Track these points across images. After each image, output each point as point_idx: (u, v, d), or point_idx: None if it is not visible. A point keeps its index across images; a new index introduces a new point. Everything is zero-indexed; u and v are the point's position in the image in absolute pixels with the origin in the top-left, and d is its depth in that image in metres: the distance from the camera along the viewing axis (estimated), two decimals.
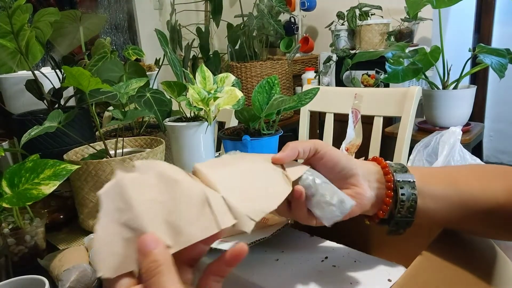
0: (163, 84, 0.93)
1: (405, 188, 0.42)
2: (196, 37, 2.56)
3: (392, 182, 0.43)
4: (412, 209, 0.43)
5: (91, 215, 0.80)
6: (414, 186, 0.42)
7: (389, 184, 0.43)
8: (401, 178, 0.43)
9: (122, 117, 0.84)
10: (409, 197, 0.42)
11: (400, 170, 0.44)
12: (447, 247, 0.43)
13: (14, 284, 0.53)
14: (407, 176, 0.43)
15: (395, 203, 0.43)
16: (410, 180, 0.43)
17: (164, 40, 1.02)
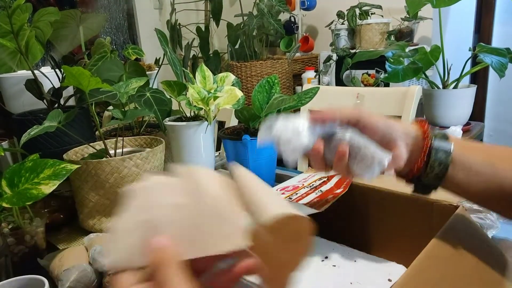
0: (163, 83, 0.93)
1: (439, 154, 0.43)
2: (196, 37, 2.56)
3: (428, 147, 0.44)
4: (441, 175, 0.44)
5: (91, 214, 0.80)
6: (449, 155, 0.43)
7: (425, 149, 0.44)
8: (438, 144, 0.44)
9: (122, 117, 0.84)
10: (440, 164, 0.43)
11: (441, 137, 0.44)
12: (447, 246, 0.43)
13: (14, 284, 0.53)
14: (445, 144, 0.44)
15: (425, 166, 0.44)
16: (446, 148, 0.43)
17: (164, 39, 1.02)
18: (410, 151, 0.45)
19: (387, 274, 0.49)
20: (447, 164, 0.43)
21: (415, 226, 0.54)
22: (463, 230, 0.47)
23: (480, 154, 0.45)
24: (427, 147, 0.44)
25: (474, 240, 0.46)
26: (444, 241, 0.43)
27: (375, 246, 0.58)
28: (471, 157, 0.44)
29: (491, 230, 0.63)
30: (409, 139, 0.45)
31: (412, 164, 0.46)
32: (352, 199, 0.59)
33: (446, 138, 0.44)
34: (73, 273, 0.60)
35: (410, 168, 0.46)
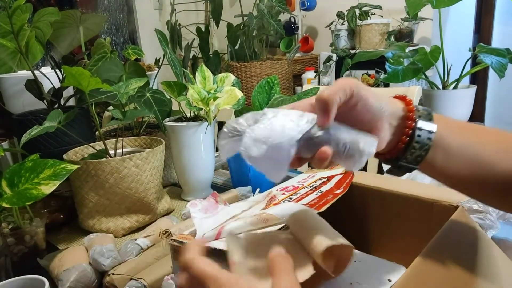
0: (163, 84, 0.93)
1: (422, 137, 0.41)
2: (196, 37, 2.56)
3: (412, 128, 0.41)
4: (419, 158, 0.42)
5: (90, 215, 0.80)
6: (431, 137, 0.41)
7: (407, 130, 0.42)
8: (422, 125, 0.41)
9: (122, 117, 0.84)
10: (422, 147, 0.41)
11: (425, 116, 0.42)
12: (448, 246, 0.43)
13: (14, 284, 0.53)
14: (429, 125, 0.41)
15: (406, 148, 0.42)
16: (430, 130, 0.41)
17: (164, 40, 1.02)
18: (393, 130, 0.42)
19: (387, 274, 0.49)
20: (428, 146, 0.41)
21: (415, 226, 0.54)
22: (463, 231, 0.47)
23: (464, 136, 0.42)
24: (410, 129, 0.41)
25: (473, 240, 0.46)
26: (444, 241, 0.43)
27: (375, 246, 0.58)
28: (453, 139, 0.42)
29: (491, 230, 0.63)
30: (394, 120, 0.42)
31: (392, 145, 0.43)
32: (352, 199, 0.59)
33: (431, 117, 0.42)
34: (73, 273, 0.60)
35: (390, 149, 0.44)
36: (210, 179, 0.98)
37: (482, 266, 0.42)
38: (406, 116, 0.42)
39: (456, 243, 0.44)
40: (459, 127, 0.43)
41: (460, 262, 0.41)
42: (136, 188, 0.79)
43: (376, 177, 0.66)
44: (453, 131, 0.42)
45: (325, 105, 0.38)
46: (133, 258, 0.63)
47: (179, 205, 0.94)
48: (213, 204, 0.53)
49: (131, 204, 0.80)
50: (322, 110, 0.39)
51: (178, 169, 0.96)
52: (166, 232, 0.68)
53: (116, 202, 0.79)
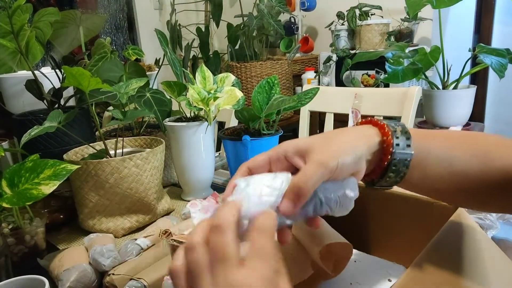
0: (163, 84, 0.93)
1: (398, 166, 0.41)
2: (196, 37, 2.56)
3: (388, 160, 0.41)
4: (395, 183, 0.43)
5: (91, 215, 0.80)
6: (408, 165, 0.41)
7: (383, 163, 0.41)
8: (399, 156, 0.40)
9: (122, 117, 0.84)
10: (397, 175, 0.41)
11: (402, 145, 0.41)
12: (447, 247, 0.43)
13: (14, 284, 0.53)
14: (406, 154, 0.41)
15: (382, 175, 0.42)
16: (407, 158, 0.41)
17: (164, 40, 1.02)
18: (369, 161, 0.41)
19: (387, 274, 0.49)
20: (404, 174, 0.41)
21: (415, 226, 0.54)
22: (462, 231, 0.47)
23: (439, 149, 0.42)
24: (387, 160, 0.41)
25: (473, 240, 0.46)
26: (443, 241, 0.43)
27: (375, 247, 0.58)
28: (429, 157, 0.42)
29: (491, 230, 0.63)
30: (369, 154, 0.41)
31: (369, 172, 0.43)
32: None
33: (408, 143, 0.41)
34: (73, 273, 0.60)
35: (367, 175, 0.43)
36: (210, 179, 0.98)
37: (482, 266, 0.42)
38: (382, 149, 0.41)
39: (456, 243, 0.44)
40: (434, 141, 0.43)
41: (460, 262, 0.41)
42: (136, 188, 0.79)
43: None
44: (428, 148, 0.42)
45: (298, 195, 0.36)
46: (133, 258, 0.63)
47: (179, 205, 0.94)
48: (213, 204, 0.53)
49: (131, 204, 0.80)
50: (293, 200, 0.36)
51: (178, 169, 0.96)
52: (166, 232, 0.67)
53: (116, 202, 0.79)
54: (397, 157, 0.40)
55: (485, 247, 0.45)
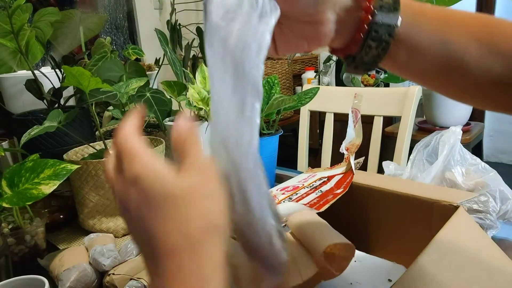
0: (163, 83, 0.93)
1: (380, 33, 0.34)
2: (196, 37, 2.56)
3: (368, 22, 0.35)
4: (377, 58, 0.36)
5: (91, 215, 0.80)
6: (392, 32, 0.35)
7: (362, 24, 0.35)
8: (380, 19, 0.34)
9: (122, 117, 0.84)
10: (380, 45, 0.35)
11: (388, 7, 0.35)
12: (447, 247, 0.43)
13: (14, 284, 0.53)
14: (390, 17, 0.34)
15: (362, 44, 0.36)
16: (391, 23, 0.34)
17: (164, 39, 1.02)
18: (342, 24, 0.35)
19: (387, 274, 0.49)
20: (387, 45, 0.35)
21: (415, 226, 0.54)
22: (462, 231, 0.47)
23: (433, 25, 0.36)
24: (365, 22, 0.34)
25: (474, 240, 0.46)
26: (444, 241, 0.44)
27: (375, 246, 0.58)
28: (420, 32, 0.35)
29: (491, 230, 0.63)
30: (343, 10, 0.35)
31: (346, 39, 0.37)
32: (352, 199, 0.59)
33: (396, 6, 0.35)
34: (73, 273, 0.60)
35: (345, 45, 0.37)
36: None
37: (483, 266, 0.42)
38: (362, 7, 0.35)
39: (456, 243, 0.44)
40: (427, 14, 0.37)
41: (461, 262, 0.41)
42: None
43: (376, 177, 0.66)
44: (420, 20, 0.36)
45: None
46: (133, 258, 0.63)
47: None
48: None
49: None
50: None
51: None
52: None
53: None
54: (380, 20, 0.34)
55: (485, 247, 0.45)
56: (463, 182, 0.69)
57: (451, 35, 0.36)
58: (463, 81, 0.37)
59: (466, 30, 0.36)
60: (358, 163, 0.66)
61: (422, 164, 0.77)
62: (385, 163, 0.82)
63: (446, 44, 0.36)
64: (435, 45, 0.36)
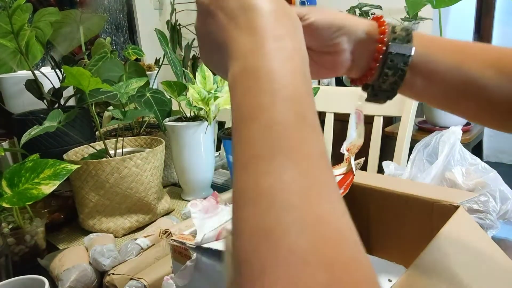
0: (163, 84, 0.93)
1: (395, 61, 0.37)
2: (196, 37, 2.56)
3: (382, 52, 0.37)
4: (395, 85, 0.38)
5: (91, 215, 0.80)
6: (407, 61, 0.37)
7: (377, 55, 0.38)
8: (394, 49, 0.37)
9: (122, 117, 0.84)
10: (396, 73, 0.37)
11: (402, 38, 0.37)
12: (448, 247, 0.43)
13: (14, 284, 0.53)
14: (403, 48, 0.37)
15: (379, 74, 0.38)
16: (405, 53, 0.37)
17: (164, 40, 1.02)
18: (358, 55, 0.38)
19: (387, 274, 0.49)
20: (403, 72, 0.37)
21: (415, 226, 0.54)
22: (463, 231, 0.47)
23: (447, 53, 0.38)
24: (380, 53, 0.37)
25: (474, 240, 0.46)
26: (444, 241, 0.44)
27: (375, 247, 0.58)
28: (435, 61, 0.37)
29: (491, 230, 0.63)
30: (356, 41, 0.38)
31: (363, 69, 0.40)
32: (352, 199, 0.59)
33: (408, 39, 0.37)
34: (73, 273, 0.60)
35: (362, 73, 0.40)
36: (210, 179, 0.98)
37: (483, 266, 0.42)
38: (376, 39, 0.38)
39: (456, 243, 0.44)
40: (440, 44, 0.39)
41: (461, 262, 0.41)
42: (137, 188, 0.79)
43: (376, 177, 0.66)
44: (434, 50, 0.38)
45: None
46: (133, 258, 0.63)
47: (179, 205, 0.94)
48: (213, 204, 0.53)
49: (131, 204, 0.80)
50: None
51: (178, 169, 0.96)
52: (166, 232, 0.68)
53: (117, 202, 0.79)
54: (394, 50, 0.37)
55: (485, 247, 0.45)
56: (463, 182, 0.69)
57: (467, 61, 0.37)
58: (480, 104, 0.38)
59: (482, 57, 0.38)
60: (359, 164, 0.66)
61: (422, 164, 0.77)
62: (385, 163, 0.82)
63: (462, 70, 0.37)
64: (451, 71, 0.37)
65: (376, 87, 0.40)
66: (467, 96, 0.38)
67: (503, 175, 0.68)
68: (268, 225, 0.19)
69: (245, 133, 0.24)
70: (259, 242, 0.19)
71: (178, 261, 0.48)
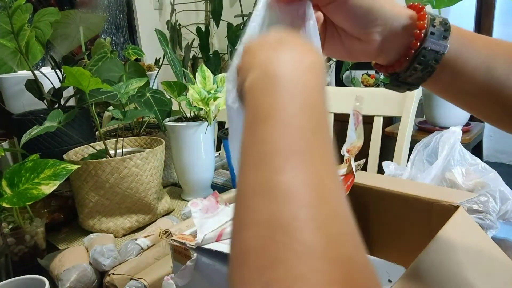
0: (163, 84, 0.93)
1: (427, 58, 0.36)
2: (196, 37, 2.56)
3: (418, 47, 0.36)
4: (421, 79, 0.37)
5: (91, 215, 0.80)
6: (439, 59, 0.36)
7: (410, 51, 0.36)
8: (430, 45, 0.35)
9: (122, 117, 0.84)
10: (424, 69, 0.36)
11: (439, 34, 0.36)
12: (448, 247, 0.43)
13: (14, 284, 0.53)
14: (438, 45, 0.35)
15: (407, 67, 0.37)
16: (440, 51, 0.35)
17: (164, 40, 1.02)
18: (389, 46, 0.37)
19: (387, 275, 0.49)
20: (433, 69, 0.36)
21: (415, 227, 0.54)
22: (463, 231, 0.47)
23: (480, 52, 0.37)
24: (413, 49, 0.36)
25: (474, 240, 0.46)
26: (444, 241, 0.44)
27: (375, 247, 0.58)
28: (466, 58, 0.36)
29: (491, 230, 0.63)
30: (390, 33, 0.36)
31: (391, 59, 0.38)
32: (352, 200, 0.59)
33: (445, 35, 0.36)
34: (73, 273, 0.60)
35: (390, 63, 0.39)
36: (210, 179, 0.98)
37: (483, 266, 0.42)
38: (413, 33, 0.36)
39: (456, 243, 0.44)
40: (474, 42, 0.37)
41: (460, 262, 0.41)
42: (136, 188, 0.79)
43: (376, 177, 0.66)
44: (468, 48, 0.36)
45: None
46: (133, 258, 0.63)
47: (179, 205, 0.94)
48: (213, 204, 0.54)
49: (131, 204, 0.80)
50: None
51: (178, 169, 0.96)
52: (166, 232, 0.68)
53: (117, 202, 0.79)
54: (429, 46, 0.35)
55: (485, 247, 0.45)
56: (463, 182, 0.69)
57: (496, 62, 0.36)
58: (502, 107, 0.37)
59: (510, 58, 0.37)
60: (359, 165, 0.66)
61: (422, 164, 0.77)
62: (385, 163, 0.82)
63: (490, 70, 0.36)
64: (479, 71, 0.36)
65: (401, 79, 0.38)
66: (492, 100, 0.37)
67: (503, 175, 0.68)
68: (284, 219, 0.20)
69: (260, 131, 0.24)
70: (273, 234, 0.19)
71: (178, 261, 0.48)
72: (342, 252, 0.19)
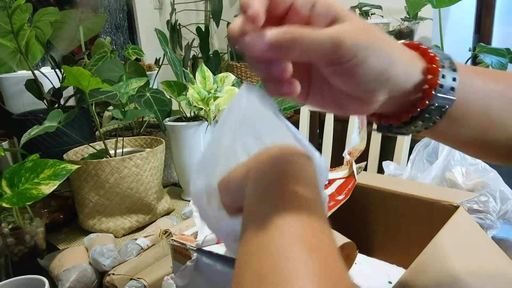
0: (163, 83, 0.93)
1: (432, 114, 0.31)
2: (196, 37, 2.56)
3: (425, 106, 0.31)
4: (417, 132, 0.34)
5: (91, 215, 0.80)
6: (443, 114, 0.32)
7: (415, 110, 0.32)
8: (438, 102, 0.31)
9: (122, 117, 0.84)
10: (427, 123, 0.32)
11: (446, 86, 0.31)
12: (448, 247, 0.43)
13: (14, 284, 0.53)
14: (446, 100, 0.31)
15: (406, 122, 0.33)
16: (446, 106, 0.31)
17: (164, 40, 1.02)
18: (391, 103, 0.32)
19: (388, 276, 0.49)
20: (435, 122, 0.32)
21: (415, 227, 0.54)
22: (462, 231, 0.47)
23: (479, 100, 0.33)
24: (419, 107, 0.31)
25: (474, 240, 0.46)
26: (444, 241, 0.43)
27: (375, 248, 0.58)
28: (466, 104, 0.33)
29: (491, 230, 0.63)
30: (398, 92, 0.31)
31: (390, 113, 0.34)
32: (352, 200, 0.59)
33: (453, 85, 0.31)
34: (73, 273, 0.60)
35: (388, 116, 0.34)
36: None
37: (482, 266, 0.42)
38: (423, 90, 0.31)
39: (456, 243, 0.44)
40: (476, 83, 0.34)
41: (460, 262, 0.41)
42: (137, 188, 0.79)
43: (377, 177, 0.66)
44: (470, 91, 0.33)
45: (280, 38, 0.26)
46: (133, 258, 0.63)
47: (179, 205, 0.94)
48: None
49: (131, 204, 0.80)
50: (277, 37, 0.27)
51: (178, 169, 0.96)
52: (166, 232, 0.68)
53: (117, 202, 0.79)
54: (436, 102, 0.31)
55: (485, 247, 0.45)
56: (463, 182, 0.69)
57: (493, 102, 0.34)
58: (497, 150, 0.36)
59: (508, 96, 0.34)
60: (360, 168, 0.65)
61: (422, 164, 0.77)
62: (385, 163, 0.82)
63: (487, 118, 0.34)
64: (477, 120, 0.34)
65: (394, 129, 0.34)
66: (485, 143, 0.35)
67: (503, 175, 0.68)
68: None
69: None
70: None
71: (178, 261, 0.48)
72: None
